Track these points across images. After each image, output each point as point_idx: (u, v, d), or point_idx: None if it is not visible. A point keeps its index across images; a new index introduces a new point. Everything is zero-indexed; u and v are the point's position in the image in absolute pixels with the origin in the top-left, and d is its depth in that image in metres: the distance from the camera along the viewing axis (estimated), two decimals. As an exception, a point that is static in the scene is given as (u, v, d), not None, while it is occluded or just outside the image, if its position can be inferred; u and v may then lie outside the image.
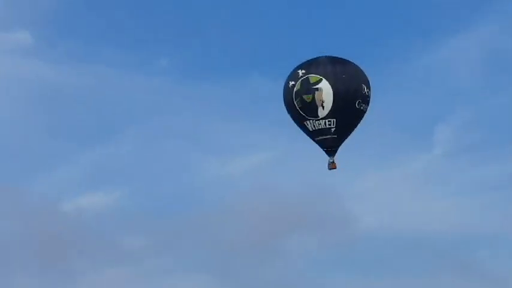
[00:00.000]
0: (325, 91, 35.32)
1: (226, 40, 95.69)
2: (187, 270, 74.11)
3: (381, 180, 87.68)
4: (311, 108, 35.67)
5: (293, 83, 36.10)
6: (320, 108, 35.54)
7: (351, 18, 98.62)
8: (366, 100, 36.36)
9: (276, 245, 75.14)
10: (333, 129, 35.96)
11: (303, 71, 35.94)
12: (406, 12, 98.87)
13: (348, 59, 36.76)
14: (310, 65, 36.08)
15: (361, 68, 36.79)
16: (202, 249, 74.91)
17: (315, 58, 36.58)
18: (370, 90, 36.70)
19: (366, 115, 36.93)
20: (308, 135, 36.99)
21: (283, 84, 36.80)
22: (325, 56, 36.62)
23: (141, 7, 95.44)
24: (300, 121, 36.67)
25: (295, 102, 36.10)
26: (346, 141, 37.23)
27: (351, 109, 35.71)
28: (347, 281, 74.26)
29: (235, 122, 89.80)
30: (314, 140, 36.98)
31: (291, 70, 36.68)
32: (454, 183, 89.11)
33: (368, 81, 36.69)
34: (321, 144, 36.86)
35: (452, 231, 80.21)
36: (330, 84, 35.32)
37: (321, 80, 35.43)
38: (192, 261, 74.41)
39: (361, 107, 36.23)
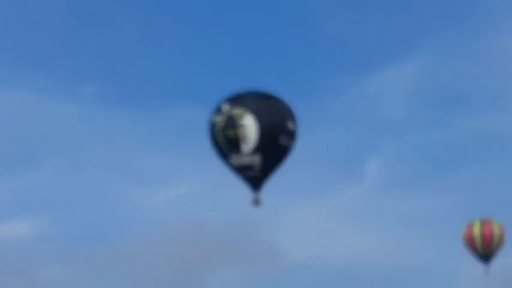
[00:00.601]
0: (249, 127, 34.84)
1: (153, 68, 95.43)
2: None
3: (310, 212, 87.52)
4: (234, 144, 35.15)
5: (217, 117, 35.64)
6: (243, 144, 35.05)
7: (281, 53, 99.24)
8: (290, 136, 35.86)
9: (201, 278, 74.16)
10: (257, 165, 35.42)
11: (227, 106, 35.47)
12: (335, 46, 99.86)
13: (274, 95, 36.33)
14: (234, 100, 35.62)
15: (287, 104, 36.31)
16: (124, 280, 73.60)
17: (240, 93, 36.15)
18: (295, 125, 36.23)
19: (291, 150, 36.37)
20: (233, 171, 36.35)
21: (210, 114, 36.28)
22: (252, 92, 36.21)
23: (66, 33, 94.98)
24: (224, 157, 36.14)
25: (218, 138, 35.56)
26: (275, 174, 36.68)
27: (275, 145, 35.22)
28: None
29: (161, 151, 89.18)
30: (238, 176, 36.37)
31: (216, 105, 36.17)
32: (383, 216, 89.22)
33: (293, 117, 36.23)
34: (246, 180, 36.31)
35: (380, 264, 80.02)
36: (254, 120, 34.86)
37: (244, 115, 34.97)
38: None
39: (286, 143, 35.73)
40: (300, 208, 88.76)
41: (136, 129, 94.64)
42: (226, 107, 35.45)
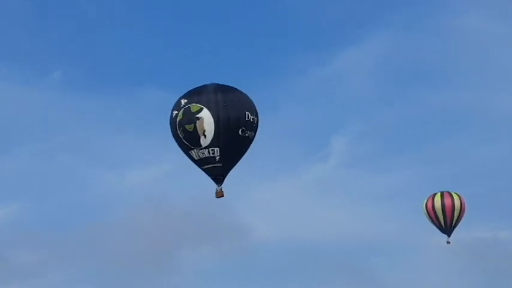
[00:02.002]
0: (206, 120, 35.10)
1: (120, 52, 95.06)
2: (80, 284, 72.97)
3: (277, 191, 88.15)
4: (194, 138, 35.44)
5: (176, 112, 35.94)
6: (202, 137, 35.31)
7: (244, 33, 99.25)
8: (251, 127, 36.05)
9: (170, 257, 74.73)
10: (217, 158, 35.71)
11: (185, 101, 35.75)
12: (299, 26, 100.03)
13: (233, 87, 36.54)
14: (192, 94, 35.94)
15: (246, 95, 36.56)
16: (94, 262, 74.01)
17: (199, 87, 36.38)
18: (256, 116, 36.43)
19: (252, 141, 36.58)
20: (195, 163, 36.67)
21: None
22: (212, 84, 36.43)
23: (33, 20, 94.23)
24: (185, 150, 36.50)
25: (178, 132, 35.88)
26: (238, 165, 36.98)
27: (234, 137, 35.42)
28: None
29: (129, 135, 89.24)
30: (201, 169, 36.67)
31: (177, 99, 36.38)
32: (349, 192, 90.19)
33: (254, 108, 36.43)
34: (208, 172, 36.65)
35: (347, 240, 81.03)
36: (211, 113, 35.12)
37: (201, 109, 35.22)
38: (84, 275, 73.47)
39: (246, 134, 35.92)
40: (266, 187, 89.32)
41: (104, 113, 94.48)
42: (184, 102, 35.72)
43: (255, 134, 36.49)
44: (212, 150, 35.47)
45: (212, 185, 36.93)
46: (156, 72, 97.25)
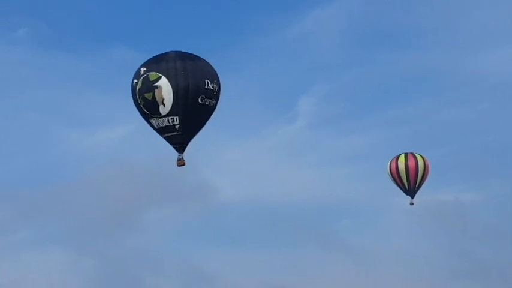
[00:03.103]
0: (165, 88, 34.94)
1: (88, 10, 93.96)
2: (44, 242, 73.13)
3: (243, 152, 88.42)
4: (153, 106, 35.34)
5: (136, 81, 35.76)
6: (161, 106, 35.19)
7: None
8: (211, 95, 35.79)
9: (136, 217, 75.02)
10: (177, 126, 35.61)
11: (144, 69, 35.58)
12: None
13: (195, 54, 36.19)
14: (151, 63, 35.71)
15: (208, 63, 36.20)
16: (59, 221, 74.13)
17: (159, 55, 36.07)
18: (217, 84, 36.10)
19: (214, 109, 36.30)
20: (156, 132, 36.56)
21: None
22: (173, 52, 36.03)
23: None
24: (146, 118, 36.39)
25: (139, 100, 35.78)
26: (199, 134, 36.88)
27: (193, 105, 35.24)
28: (208, 251, 74.61)
29: (95, 94, 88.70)
30: (162, 137, 36.59)
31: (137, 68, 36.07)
32: (315, 154, 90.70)
33: (215, 76, 36.11)
34: (169, 141, 36.52)
35: (311, 201, 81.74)
36: (169, 81, 34.91)
37: (160, 77, 35.05)
38: (50, 233, 73.64)
39: (206, 102, 35.70)
40: (233, 148, 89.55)
41: (71, 71, 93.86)
42: (143, 70, 35.52)
43: (216, 101, 36.24)
44: (172, 118, 35.36)
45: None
46: (125, 30, 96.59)
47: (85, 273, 71.16)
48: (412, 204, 61.65)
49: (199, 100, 35.43)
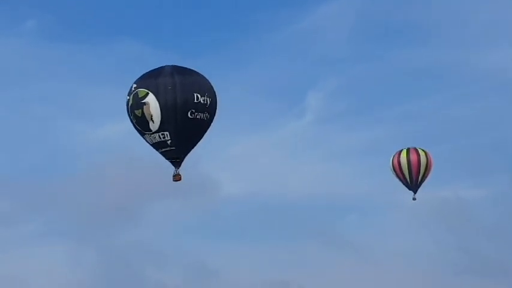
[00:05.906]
0: (152, 105, 34.90)
1: (95, 2, 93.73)
2: (49, 234, 73.42)
3: (251, 147, 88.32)
4: (143, 123, 35.40)
5: (128, 97, 35.86)
6: (151, 122, 35.19)
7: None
8: (202, 109, 35.37)
9: (139, 211, 75.16)
10: (168, 142, 35.51)
11: (135, 85, 35.67)
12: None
13: (189, 68, 35.91)
14: (142, 79, 35.69)
15: (201, 77, 35.86)
16: (63, 214, 74.41)
17: (154, 69, 35.86)
18: (210, 97, 35.64)
19: (208, 123, 35.89)
20: (152, 147, 36.47)
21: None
22: (170, 66, 35.78)
23: None
24: (141, 134, 36.41)
25: (131, 117, 35.88)
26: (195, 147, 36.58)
27: (183, 120, 34.96)
28: (213, 247, 74.71)
29: (103, 87, 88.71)
30: (158, 152, 36.50)
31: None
32: (323, 149, 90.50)
33: (206, 90, 35.65)
34: (164, 156, 36.42)
35: (316, 196, 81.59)
36: (156, 97, 34.82)
37: (147, 94, 35.02)
38: (53, 226, 73.95)
39: (197, 116, 35.30)
40: (240, 143, 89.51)
41: (78, 64, 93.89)
42: (134, 86, 35.57)
43: (210, 115, 35.80)
44: (162, 134, 35.26)
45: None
46: (133, 24, 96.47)
47: (87, 266, 71.56)
48: (414, 199, 61.51)
49: (189, 114, 35.10)
